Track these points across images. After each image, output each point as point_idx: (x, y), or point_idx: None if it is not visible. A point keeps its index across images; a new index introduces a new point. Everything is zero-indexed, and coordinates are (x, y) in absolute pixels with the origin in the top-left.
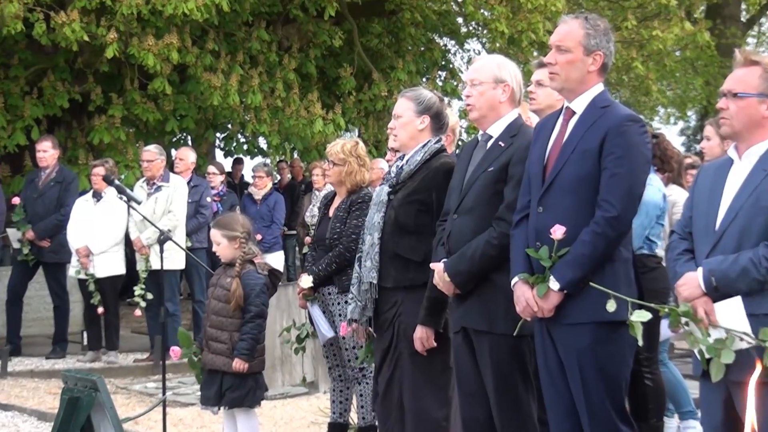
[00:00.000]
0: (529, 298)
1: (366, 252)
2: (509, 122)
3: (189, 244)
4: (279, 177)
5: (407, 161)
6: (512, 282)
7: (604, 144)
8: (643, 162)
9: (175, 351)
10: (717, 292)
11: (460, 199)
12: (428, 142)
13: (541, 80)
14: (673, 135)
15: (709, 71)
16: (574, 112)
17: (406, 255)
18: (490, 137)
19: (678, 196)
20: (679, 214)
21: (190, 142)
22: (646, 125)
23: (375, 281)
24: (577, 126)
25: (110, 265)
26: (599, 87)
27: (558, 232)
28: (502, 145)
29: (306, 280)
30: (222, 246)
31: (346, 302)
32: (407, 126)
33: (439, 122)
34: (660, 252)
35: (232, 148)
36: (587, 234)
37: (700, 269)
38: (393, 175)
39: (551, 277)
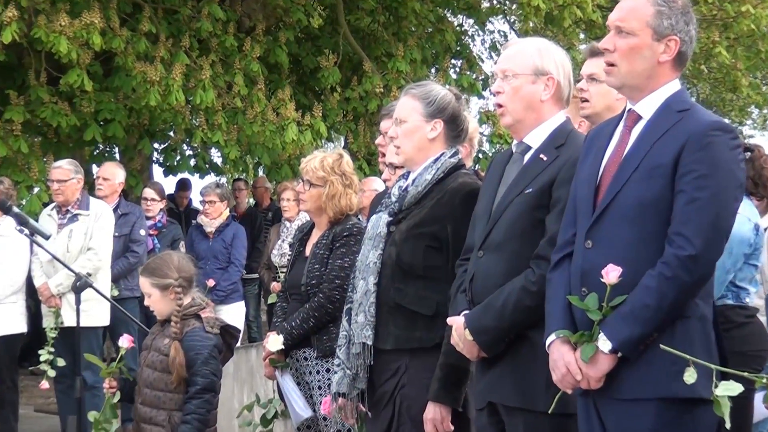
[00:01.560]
0: (571, 362)
1: (358, 302)
2: (554, 128)
3: (116, 293)
4: (236, 202)
5: (413, 181)
6: (547, 341)
7: (681, 159)
8: (734, 185)
9: None
10: None
11: (488, 230)
12: (442, 155)
13: (594, 74)
14: None
15: None
16: (639, 117)
17: (412, 307)
18: (529, 148)
19: None
20: None
21: (117, 156)
22: (738, 135)
23: (370, 342)
24: (644, 135)
25: (6, 321)
26: (675, 84)
27: (612, 274)
28: (545, 158)
29: (275, 341)
30: (154, 298)
31: (328, 370)
32: (414, 134)
33: (456, 128)
34: (753, 302)
35: (175, 164)
36: (653, 278)
37: None
38: (394, 199)
39: (601, 335)
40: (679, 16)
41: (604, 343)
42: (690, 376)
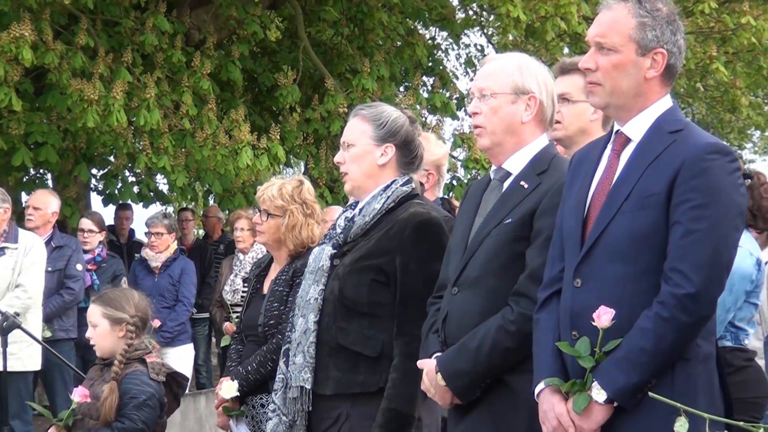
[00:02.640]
0: (562, 414)
1: (296, 342)
2: (536, 153)
3: (48, 334)
4: (182, 233)
5: (361, 211)
6: (536, 389)
7: (676, 187)
8: (735, 213)
9: None
10: None
11: (463, 265)
12: (393, 183)
13: (566, 93)
14: None
15: None
16: (629, 140)
17: (355, 347)
18: (508, 175)
19: None
20: None
21: (50, 183)
22: (736, 157)
23: (308, 386)
24: (634, 160)
25: None
26: (665, 101)
27: (604, 317)
28: (526, 186)
29: (229, 388)
30: (100, 330)
31: None
32: (362, 159)
33: (409, 154)
34: (752, 344)
35: (116, 192)
36: (649, 319)
37: None
38: (339, 230)
39: (595, 384)
40: (664, 26)
41: (599, 393)
42: (681, 426)
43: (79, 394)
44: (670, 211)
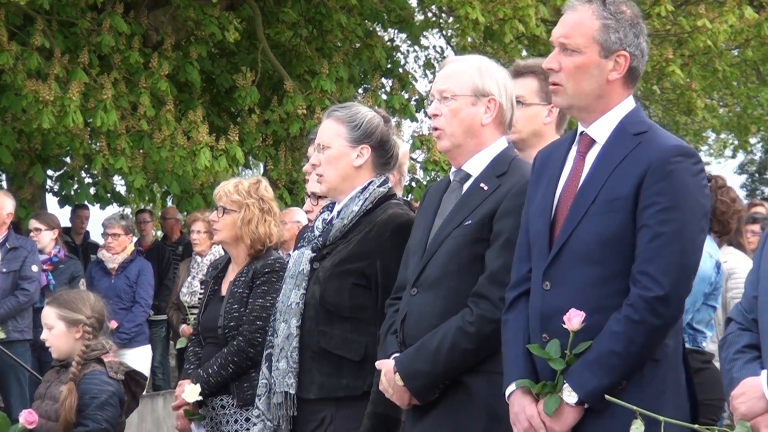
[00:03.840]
0: (533, 415)
1: (279, 347)
2: (495, 155)
3: (2, 335)
4: (140, 235)
5: (339, 213)
6: (507, 391)
7: (642, 190)
8: (700, 215)
9: None
10: None
11: (422, 266)
12: (369, 184)
13: (520, 96)
14: (728, 172)
15: None
16: (593, 141)
17: (338, 351)
18: (468, 176)
19: (736, 263)
20: (738, 290)
21: (5, 184)
22: (700, 159)
23: (293, 391)
24: (600, 162)
25: None
26: (628, 103)
27: (574, 320)
28: (485, 188)
29: (192, 392)
30: (56, 332)
31: (248, 420)
32: (338, 161)
33: (384, 155)
34: (709, 347)
35: (72, 193)
36: (619, 322)
37: (764, 373)
38: (318, 233)
39: (566, 386)
40: (627, 28)
41: (570, 395)
42: (637, 429)
43: (24, 418)
44: (637, 214)
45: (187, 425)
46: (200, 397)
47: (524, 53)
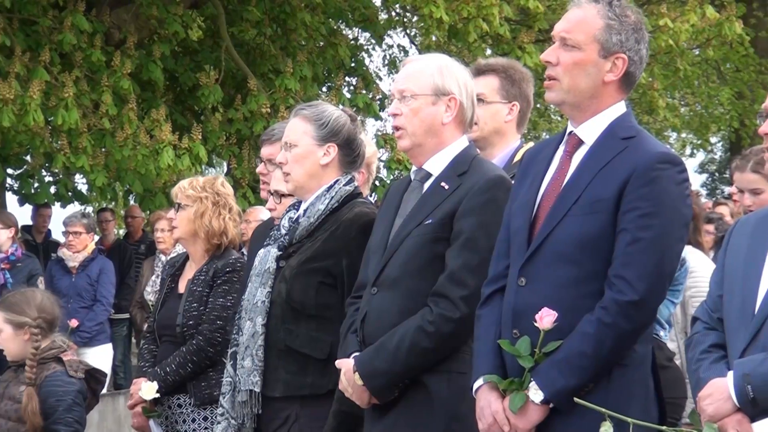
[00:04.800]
0: (498, 411)
1: (244, 346)
2: (456, 154)
3: None
4: (102, 234)
5: (305, 212)
6: (474, 385)
7: (625, 195)
8: (680, 224)
9: None
10: (756, 406)
11: (382, 265)
12: (336, 182)
13: (481, 94)
14: (689, 172)
15: (742, 78)
16: (581, 142)
17: (304, 350)
18: (429, 175)
19: (694, 261)
20: (697, 289)
21: None
22: (686, 170)
23: (257, 389)
24: (586, 164)
25: None
26: (620, 107)
27: (546, 319)
28: (446, 187)
29: (149, 389)
30: (4, 336)
31: (206, 419)
32: (305, 159)
33: (351, 153)
34: (671, 344)
35: (33, 192)
36: (591, 324)
37: (730, 374)
38: (284, 231)
39: (532, 384)
40: (630, 32)
41: (536, 393)
42: (606, 430)
43: None
44: (618, 217)
45: (144, 423)
46: (158, 395)
47: (488, 52)
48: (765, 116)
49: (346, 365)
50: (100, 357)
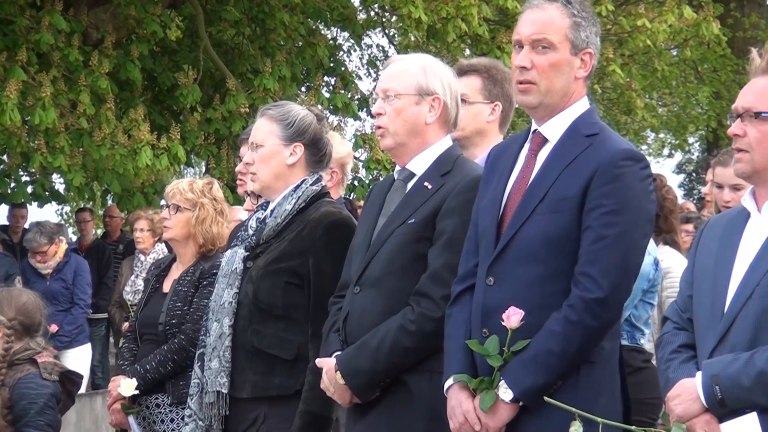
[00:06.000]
0: (469, 410)
1: (211, 347)
2: (439, 154)
3: None
4: (81, 234)
5: (272, 212)
6: (445, 385)
7: (589, 192)
8: (644, 220)
9: None
10: (724, 406)
11: (365, 264)
12: (302, 182)
13: (463, 94)
14: (666, 172)
15: (719, 78)
16: (546, 140)
17: (271, 350)
18: (412, 175)
19: (672, 262)
20: (673, 290)
21: None
22: (649, 166)
23: (225, 390)
24: (551, 162)
25: None
26: (583, 103)
27: (513, 318)
28: (429, 187)
29: (128, 386)
30: None
31: (182, 419)
32: (271, 159)
33: (317, 153)
34: (649, 345)
35: (9, 192)
36: (558, 322)
37: (699, 374)
38: (251, 232)
39: (502, 383)
40: (591, 26)
41: (505, 392)
42: (575, 430)
43: None
44: (582, 215)
45: (123, 420)
46: (137, 392)
47: (467, 52)
48: (735, 117)
49: (327, 364)
50: (80, 357)
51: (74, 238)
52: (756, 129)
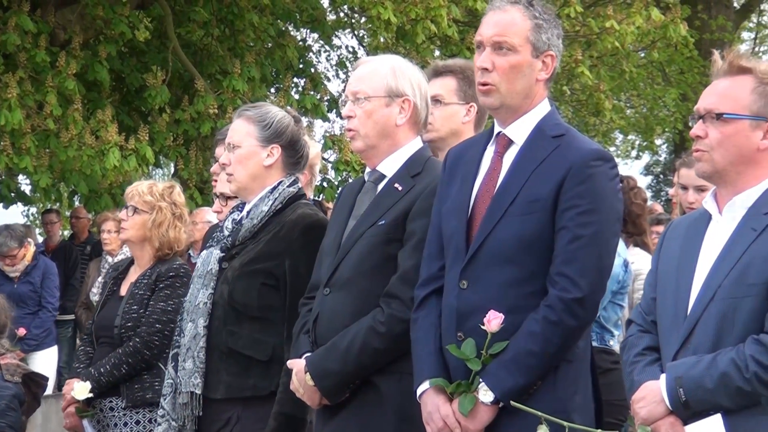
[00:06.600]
0: (448, 415)
1: (186, 347)
2: (410, 155)
3: None
4: (47, 235)
5: (248, 213)
6: (418, 390)
7: (562, 193)
8: (615, 219)
9: None
10: (688, 408)
11: (335, 266)
12: (279, 184)
13: (438, 95)
14: (634, 174)
15: (686, 80)
16: (511, 142)
17: (246, 351)
18: (383, 177)
19: (642, 264)
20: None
21: None
22: (617, 165)
23: (199, 391)
24: (519, 164)
25: None
26: (545, 105)
27: (494, 322)
28: (399, 188)
29: (82, 389)
30: None
31: (138, 422)
32: (248, 160)
33: (295, 155)
34: (616, 347)
35: None
36: (537, 323)
37: (663, 377)
38: (227, 233)
39: (482, 385)
40: (553, 29)
41: (486, 394)
42: None
43: None
44: (556, 216)
45: (77, 423)
46: (91, 395)
47: (437, 53)
48: (697, 118)
49: (297, 366)
50: (46, 360)
51: (40, 239)
52: (717, 130)
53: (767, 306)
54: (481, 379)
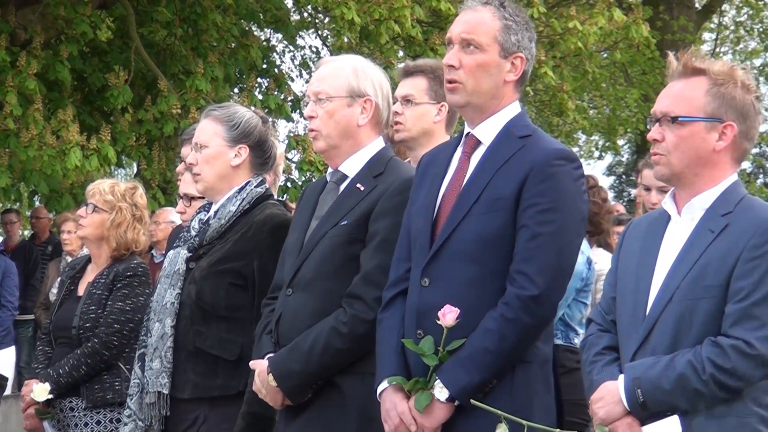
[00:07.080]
0: (404, 412)
1: (153, 347)
2: (372, 155)
3: None
4: (7, 235)
5: (216, 213)
6: (379, 389)
7: (524, 191)
8: (578, 219)
9: None
10: (645, 409)
11: (298, 266)
12: (247, 184)
13: (409, 95)
14: (597, 174)
15: (648, 81)
16: (479, 142)
17: (213, 351)
18: (345, 177)
19: (605, 264)
20: None
21: None
22: (582, 166)
23: (166, 390)
24: (485, 163)
25: None
26: (515, 107)
27: (449, 316)
28: (361, 188)
29: (41, 391)
30: None
31: (98, 423)
32: (216, 160)
33: (263, 155)
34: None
35: None
36: (493, 320)
37: (621, 377)
38: (194, 233)
39: (437, 382)
40: (524, 31)
41: (441, 392)
42: None
43: None
44: (518, 214)
45: (37, 425)
46: (50, 396)
47: (400, 54)
48: (653, 121)
49: (260, 366)
50: (5, 360)
51: (0, 239)
52: (673, 133)
53: (723, 308)
54: (437, 376)
